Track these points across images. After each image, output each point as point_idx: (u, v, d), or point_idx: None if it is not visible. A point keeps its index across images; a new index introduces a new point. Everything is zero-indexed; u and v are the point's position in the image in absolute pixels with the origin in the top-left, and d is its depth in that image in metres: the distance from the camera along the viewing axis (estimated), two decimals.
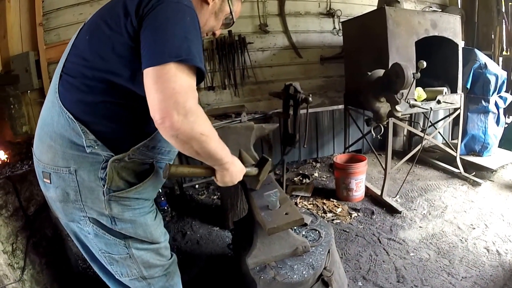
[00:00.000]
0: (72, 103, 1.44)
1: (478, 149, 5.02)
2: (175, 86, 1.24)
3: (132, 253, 1.65)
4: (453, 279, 2.80)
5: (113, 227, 1.57)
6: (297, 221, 1.96)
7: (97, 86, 1.41)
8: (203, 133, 1.33)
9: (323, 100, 5.96)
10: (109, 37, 1.38)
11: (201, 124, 1.31)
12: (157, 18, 1.31)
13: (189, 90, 1.28)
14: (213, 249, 3.54)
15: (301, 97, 3.60)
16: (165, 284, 1.87)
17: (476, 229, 3.47)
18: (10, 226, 2.13)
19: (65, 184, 1.48)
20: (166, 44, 1.27)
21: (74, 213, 1.55)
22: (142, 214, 1.63)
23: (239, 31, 5.26)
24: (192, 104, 1.27)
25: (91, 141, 1.42)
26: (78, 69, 1.44)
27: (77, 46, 1.49)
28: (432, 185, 4.58)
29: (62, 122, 1.44)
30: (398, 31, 3.83)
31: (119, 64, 1.39)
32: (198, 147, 1.36)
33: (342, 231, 3.62)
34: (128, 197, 1.55)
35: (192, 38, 1.32)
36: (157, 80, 1.24)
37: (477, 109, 4.87)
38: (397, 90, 3.25)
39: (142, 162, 1.57)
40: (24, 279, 2.16)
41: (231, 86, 5.44)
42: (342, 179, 4.25)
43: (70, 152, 1.45)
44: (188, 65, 1.28)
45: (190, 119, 1.26)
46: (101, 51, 1.40)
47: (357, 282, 2.87)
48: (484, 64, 4.64)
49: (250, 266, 2.13)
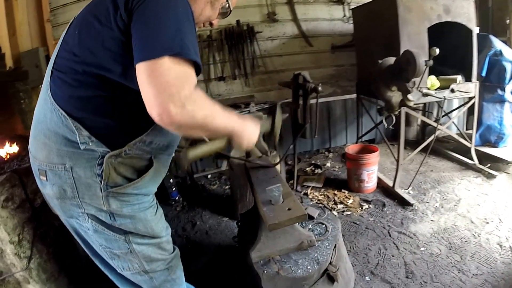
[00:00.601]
0: (64, 99, 1.42)
1: (494, 139, 4.88)
2: (168, 79, 1.20)
3: (133, 248, 1.64)
4: (463, 276, 2.73)
5: (112, 223, 1.55)
6: (300, 217, 1.91)
7: (88, 81, 1.38)
8: (206, 116, 1.30)
9: (334, 89, 5.89)
10: (99, 32, 1.35)
11: (201, 108, 1.28)
12: (148, 10, 1.28)
13: (183, 79, 1.24)
14: (222, 239, 3.54)
15: (311, 87, 3.55)
16: (167, 278, 1.86)
17: (490, 224, 3.37)
18: (16, 218, 2.17)
19: (62, 181, 1.47)
20: (158, 37, 1.23)
21: (72, 210, 1.54)
22: (142, 209, 1.61)
23: (247, 20, 5.21)
24: (187, 92, 1.22)
25: (84, 138, 1.40)
26: (68, 65, 1.41)
27: (67, 42, 1.46)
28: (446, 177, 4.48)
29: (55, 119, 1.42)
30: (410, 17, 3.72)
31: (109, 58, 1.35)
32: (205, 129, 1.36)
33: (352, 224, 3.57)
34: (127, 193, 1.53)
35: (185, 30, 1.28)
36: (150, 74, 1.20)
37: (493, 98, 4.73)
38: (408, 79, 3.16)
39: (140, 157, 1.54)
40: (30, 268, 2.21)
41: (241, 76, 5.42)
42: (353, 170, 4.19)
43: (64, 149, 1.43)
44: (183, 58, 1.24)
45: (189, 108, 1.22)
46: (91, 45, 1.36)
47: (364, 277, 2.82)
48: (499, 51, 4.50)
49: (253, 259, 2.11)
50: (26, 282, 2.19)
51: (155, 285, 1.83)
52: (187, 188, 4.72)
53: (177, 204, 4.30)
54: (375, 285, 2.72)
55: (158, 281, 1.83)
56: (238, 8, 5.12)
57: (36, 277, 2.25)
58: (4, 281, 2.16)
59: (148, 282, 1.81)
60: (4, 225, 2.06)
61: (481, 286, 2.60)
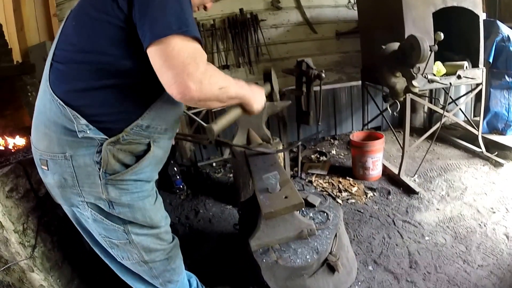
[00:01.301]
0: (62, 89, 1.44)
1: (501, 127, 4.81)
2: (184, 59, 1.26)
3: (131, 239, 1.68)
4: (468, 266, 2.69)
5: (111, 211, 1.59)
6: (297, 206, 1.89)
7: (86, 69, 1.41)
8: (222, 86, 1.43)
9: (340, 76, 5.85)
10: (96, 19, 1.37)
11: (217, 81, 1.39)
12: None
13: (197, 56, 1.31)
14: (225, 227, 3.54)
15: (314, 74, 3.53)
16: (167, 267, 1.90)
17: (496, 213, 3.32)
18: (20, 207, 2.19)
19: (62, 170, 1.51)
20: (164, 17, 1.27)
21: (73, 198, 1.58)
22: (141, 198, 1.64)
23: (251, 8, 5.18)
24: (202, 68, 1.31)
25: (82, 126, 1.43)
26: (67, 55, 1.44)
27: (65, 34, 1.49)
28: (452, 165, 4.42)
29: (54, 109, 1.45)
30: (414, 2, 3.65)
31: (108, 44, 1.38)
32: (220, 100, 1.46)
33: (356, 212, 3.54)
34: (125, 179, 1.55)
35: (187, 8, 1.33)
36: (165, 57, 1.26)
37: (500, 84, 4.64)
38: (413, 64, 3.11)
39: (138, 142, 1.56)
40: (35, 256, 2.24)
41: (246, 64, 5.40)
42: (358, 157, 4.16)
43: (64, 138, 1.46)
44: (190, 36, 1.30)
45: (206, 82, 1.31)
46: (90, 33, 1.39)
47: (367, 266, 2.79)
48: (507, 36, 4.40)
49: (253, 248, 2.11)
50: (30, 270, 2.22)
51: (154, 275, 1.87)
52: (191, 176, 4.72)
53: (181, 192, 4.30)
54: (378, 275, 2.69)
55: (158, 271, 1.87)
56: None
57: (40, 266, 2.28)
58: (10, 269, 2.21)
59: (148, 272, 1.84)
60: (9, 214, 2.09)
61: (487, 278, 2.56)
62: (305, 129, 5.53)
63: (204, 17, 5.05)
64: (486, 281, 2.53)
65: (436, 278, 2.60)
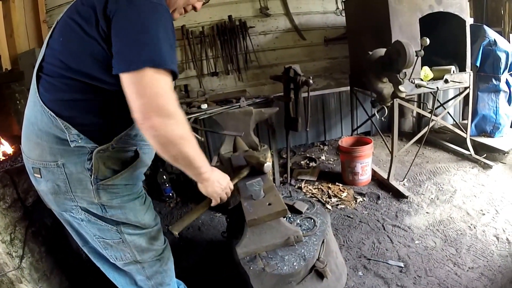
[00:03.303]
0: (53, 101, 1.48)
1: (489, 129, 4.84)
2: (157, 90, 1.30)
3: (124, 238, 1.73)
4: (459, 269, 2.69)
5: (104, 215, 1.64)
6: (280, 213, 1.90)
7: (76, 85, 1.44)
8: (182, 137, 1.40)
9: (328, 82, 5.85)
10: (82, 39, 1.39)
11: (180, 128, 1.38)
12: (125, 20, 1.31)
13: (169, 92, 1.34)
14: (214, 235, 3.52)
15: (302, 80, 3.54)
16: (159, 269, 1.94)
17: (486, 215, 3.33)
18: (8, 217, 2.19)
19: (55, 177, 1.55)
20: (136, 48, 1.29)
21: (66, 204, 1.62)
22: (131, 199, 1.69)
23: (240, 15, 5.19)
24: (173, 107, 1.34)
25: (74, 136, 1.47)
26: (56, 70, 1.46)
27: (52, 47, 1.50)
28: (441, 168, 4.44)
29: (45, 120, 1.48)
30: (401, 8, 3.68)
31: (94, 65, 1.41)
32: (176, 150, 1.42)
33: (346, 217, 3.53)
34: (115, 184, 1.61)
35: (162, 36, 1.34)
36: (137, 85, 1.29)
37: (488, 88, 4.69)
38: (399, 70, 3.13)
39: (126, 150, 1.62)
40: (22, 267, 2.22)
41: (235, 71, 5.40)
42: (347, 162, 4.16)
43: (56, 147, 1.51)
44: (163, 69, 1.32)
45: (170, 122, 1.33)
46: (76, 53, 1.42)
47: (357, 271, 2.79)
48: (493, 40, 4.46)
49: (240, 256, 2.11)
50: (19, 281, 2.20)
51: (147, 276, 1.91)
52: (180, 184, 4.69)
53: (170, 201, 4.27)
54: (368, 280, 2.69)
55: (150, 272, 1.90)
56: (230, 4, 5.14)
57: (28, 277, 2.26)
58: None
59: (141, 271, 1.88)
60: None
61: (477, 280, 2.57)
62: (294, 136, 5.55)
63: (193, 24, 5.07)
64: (477, 283, 2.54)
65: (426, 281, 2.60)
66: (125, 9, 1.31)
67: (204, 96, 4.74)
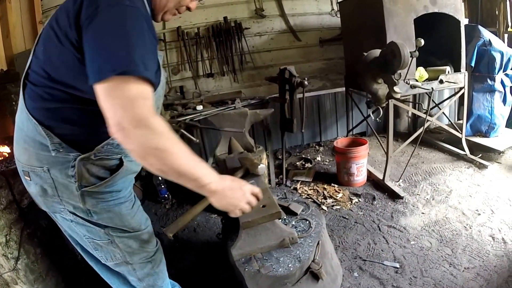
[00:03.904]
0: (36, 109, 1.47)
1: (485, 129, 4.86)
2: (127, 100, 1.20)
3: (113, 239, 1.70)
4: (454, 269, 2.69)
5: (90, 219, 1.62)
6: (274, 215, 1.89)
7: (57, 95, 1.43)
8: (158, 147, 1.24)
9: (324, 83, 5.89)
10: (59, 48, 1.36)
11: (154, 138, 1.23)
12: (95, 28, 1.25)
13: (141, 101, 1.22)
14: (210, 236, 3.52)
15: (297, 81, 3.54)
16: (150, 271, 1.91)
17: (482, 215, 3.34)
18: (3, 219, 2.19)
19: (42, 181, 1.55)
20: (103, 57, 1.22)
21: (55, 206, 1.61)
22: (117, 204, 1.66)
23: (235, 17, 5.22)
24: (142, 115, 1.21)
25: (55, 145, 1.46)
26: (40, 80, 1.45)
27: (37, 56, 1.48)
28: (437, 168, 4.45)
29: (30, 127, 1.49)
30: (395, 9, 3.69)
31: (71, 75, 1.39)
32: (159, 163, 1.28)
33: (341, 218, 3.53)
34: (100, 191, 1.58)
35: (135, 42, 1.25)
36: (106, 96, 1.21)
37: (483, 88, 4.71)
38: (394, 70, 3.13)
39: (110, 158, 1.59)
40: (18, 268, 2.23)
41: (230, 72, 5.43)
42: (342, 163, 4.16)
43: (42, 154, 1.50)
44: (131, 77, 1.22)
45: (139, 133, 1.20)
46: (55, 63, 1.40)
47: (352, 272, 2.79)
48: (488, 41, 4.48)
49: (235, 257, 2.11)
50: (14, 283, 2.21)
51: (138, 277, 1.89)
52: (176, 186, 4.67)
53: (166, 202, 4.27)
54: (363, 281, 2.68)
55: (141, 274, 1.88)
56: (226, 5, 5.17)
57: (23, 278, 2.27)
58: None
59: (132, 273, 1.87)
60: None
61: (473, 280, 2.57)
62: (290, 137, 5.55)
63: (188, 25, 5.09)
64: (473, 283, 2.54)
65: (422, 282, 2.60)
66: (95, 16, 1.24)
67: (199, 98, 4.74)
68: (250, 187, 1.64)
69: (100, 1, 1.25)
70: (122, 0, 1.27)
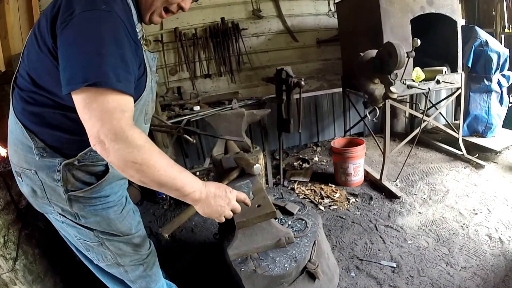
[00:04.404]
0: (22, 113, 1.48)
1: (481, 129, 4.88)
2: (100, 112, 1.17)
3: (103, 241, 1.70)
4: (451, 269, 2.70)
5: (78, 222, 1.62)
6: (269, 214, 1.89)
7: (41, 100, 1.42)
8: (135, 161, 1.22)
9: (321, 83, 5.90)
10: (39, 56, 1.35)
11: (131, 152, 1.21)
12: (68, 35, 1.22)
13: (114, 112, 1.19)
14: (207, 236, 3.52)
15: (293, 82, 3.54)
16: (142, 274, 1.90)
17: (479, 215, 3.35)
18: (1, 220, 2.19)
19: (32, 182, 1.56)
20: (75, 66, 1.18)
21: (45, 207, 1.63)
22: (105, 208, 1.64)
23: (232, 17, 5.23)
24: (118, 128, 1.18)
25: (39, 149, 1.46)
26: (25, 84, 1.45)
27: (24, 60, 1.47)
28: (434, 168, 4.46)
29: (18, 130, 1.50)
30: (392, 10, 3.70)
31: (50, 80, 1.37)
32: (138, 175, 1.26)
33: (339, 218, 3.54)
34: (87, 196, 1.57)
35: (108, 51, 1.21)
36: (83, 107, 1.19)
37: (479, 88, 4.72)
38: (390, 71, 3.14)
39: (95, 164, 1.56)
40: (16, 269, 2.22)
41: (227, 73, 5.44)
42: (340, 163, 4.17)
43: (30, 156, 1.50)
44: (103, 88, 1.18)
45: (116, 147, 1.18)
46: (36, 68, 1.39)
47: (350, 272, 2.80)
48: (485, 41, 4.49)
49: (231, 257, 2.10)
50: (13, 283, 2.20)
51: (130, 279, 1.89)
52: None
53: (164, 202, 4.27)
54: (360, 281, 2.69)
55: (133, 276, 1.88)
56: (223, 6, 5.18)
57: (22, 279, 2.26)
58: None
59: (124, 275, 1.86)
60: None
61: (470, 279, 2.57)
62: (287, 137, 5.56)
63: (186, 26, 5.09)
64: (469, 282, 2.55)
65: (419, 281, 2.61)
66: (69, 22, 1.21)
67: (197, 98, 4.75)
68: (235, 194, 1.62)
69: (75, 6, 1.23)
70: (97, 5, 1.24)
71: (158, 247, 3.24)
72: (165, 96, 4.89)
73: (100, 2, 1.24)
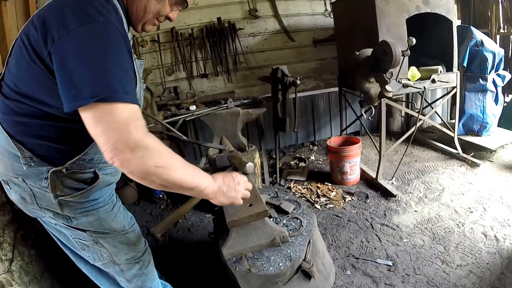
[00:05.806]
0: (7, 123, 1.47)
1: (477, 128, 4.90)
2: (115, 125, 1.17)
3: (97, 240, 1.72)
4: (447, 267, 2.71)
5: (70, 224, 1.63)
6: (261, 214, 1.90)
7: (28, 109, 1.41)
8: (158, 165, 1.24)
9: (318, 83, 5.90)
10: (29, 65, 1.33)
11: (153, 157, 1.22)
12: (67, 51, 1.20)
13: (130, 123, 1.19)
14: (204, 236, 3.52)
15: (289, 81, 3.55)
16: (138, 272, 1.92)
17: (474, 213, 3.36)
18: None
19: (21, 189, 1.56)
20: (81, 83, 1.17)
21: (36, 212, 1.63)
22: (95, 207, 1.66)
23: (229, 17, 5.23)
24: (138, 137, 1.19)
25: (26, 159, 1.45)
26: (11, 93, 1.43)
27: (9, 68, 1.45)
28: (430, 167, 4.47)
29: (3, 140, 1.48)
30: (388, 9, 3.71)
31: (40, 90, 1.36)
32: (160, 180, 1.27)
33: (335, 216, 3.54)
34: (77, 201, 1.58)
35: (112, 64, 1.22)
36: (95, 122, 1.18)
37: (475, 87, 4.75)
38: (386, 69, 3.16)
39: (83, 172, 1.56)
40: (12, 270, 2.21)
41: (224, 72, 5.43)
42: (336, 162, 4.18)
43: (16, 165, 1.49)
44: (113, 102, 1.18)
45: (139, 155, 1.19)
46: (26, 78, 1.37)
47: (345, 270, 2.80)
48: (480, 41, 4.51)
49: (226, 257, 2.11)
50: (9, 284, 2.19)
51: (126, 278, 1.90)
52: None
53: (161, 202, 4.26)
54: (356, 279, 2.69)
55: (129, 275, 1.89)
56: (220, 6, 5.18)
57: (18, 280, 2.25)
58: None
59: (120, 273, 1.87)
60: None
61: (466, 277, 2.58)
62: (284, 136, 5.56)
63: (182, 26, 5.08)
64: (465, 280, 2.56)
65: (415, 279, 2.62)
66: (66, 38, 1.20)
67: (193, 98, 4.75)
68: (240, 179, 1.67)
69: (69, 20, 1.22)
70: (94, 17, 1.24)
71: (155, 246, 3.27)
72: (161, 96, 4.89)
73: (97, 14, 1.24)
